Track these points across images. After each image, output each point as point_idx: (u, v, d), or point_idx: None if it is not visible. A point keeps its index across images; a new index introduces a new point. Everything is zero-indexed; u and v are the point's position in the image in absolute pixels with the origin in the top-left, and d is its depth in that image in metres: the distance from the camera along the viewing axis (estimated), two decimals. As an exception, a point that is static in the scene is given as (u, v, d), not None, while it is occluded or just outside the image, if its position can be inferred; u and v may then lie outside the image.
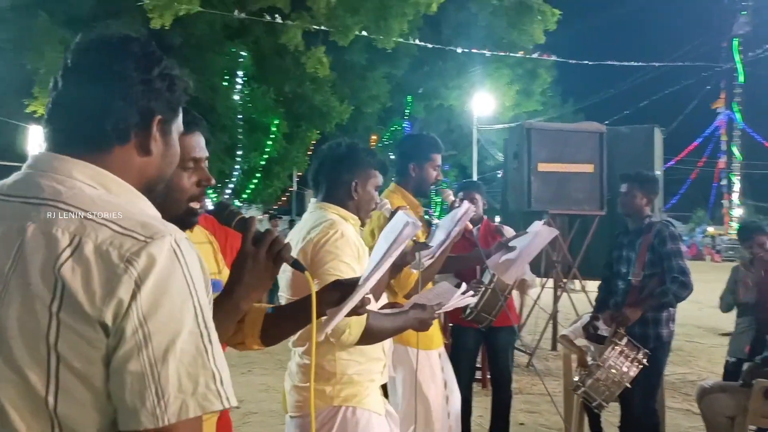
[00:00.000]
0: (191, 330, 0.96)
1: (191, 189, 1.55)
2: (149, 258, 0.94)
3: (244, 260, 1.42)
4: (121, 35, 1.11)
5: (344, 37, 10.31)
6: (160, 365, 0.92)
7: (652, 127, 8.12)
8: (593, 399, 3.80)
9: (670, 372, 7.27)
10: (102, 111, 1.06)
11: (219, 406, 0.97)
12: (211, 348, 0.98)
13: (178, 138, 1.20)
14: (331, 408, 2.17)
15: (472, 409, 4.89)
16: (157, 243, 0.96)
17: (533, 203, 7.26)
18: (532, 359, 7.48)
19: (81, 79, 1.07)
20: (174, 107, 1.15)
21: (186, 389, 0.94)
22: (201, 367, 0.96)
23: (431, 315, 2.33)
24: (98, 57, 1.08)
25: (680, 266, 3.81)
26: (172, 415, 0.92)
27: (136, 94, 1.08)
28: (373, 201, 2.42)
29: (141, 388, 0.92)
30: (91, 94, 1.06)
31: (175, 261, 0.97)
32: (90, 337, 0.93)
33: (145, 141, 1.10)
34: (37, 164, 1.06)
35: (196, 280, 0.99)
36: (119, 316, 0.92)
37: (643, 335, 3.87)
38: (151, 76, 1.09)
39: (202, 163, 1.58)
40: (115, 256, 0.94)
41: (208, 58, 10.43)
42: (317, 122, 11.68)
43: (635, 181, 4.00)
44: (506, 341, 4.35)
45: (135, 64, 1.08)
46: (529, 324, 8.03)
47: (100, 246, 0.95)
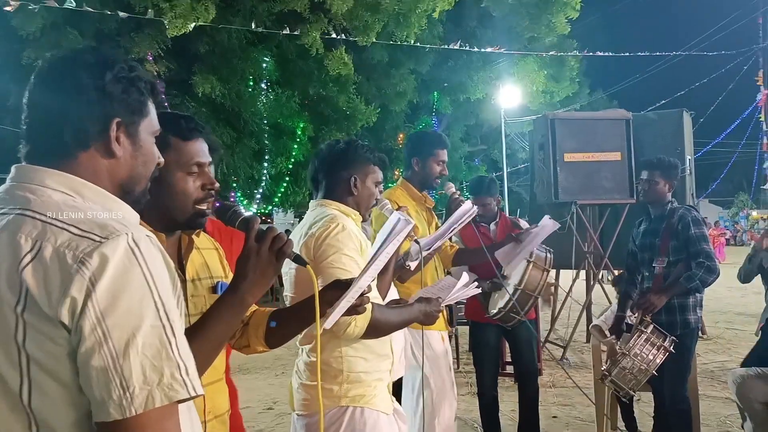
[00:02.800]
0: (153, 324, 1.00)
1: (196, 193, 1.62)
2: (102, 257, 0.99)
3: (247, 257, 1.48)
4: (76, 49, 1.18)
5: (366, 37, 10.31)
6: (122, 359, 0.97)
7: (681, 111, 7.94)
8: (620, 388, 3.75)
9: (708, 360, 7.14)
10: (60, 121, 1.12)
11: (185, 395, 1.02)
12: (175, 340, 1.02)
13: (151, 138, 1.23)
14: (338, 408, 2.18)
15: (505, 403, 4.88)
16: (112, 242, 1.00)
17: (561, 194, 7.19)
18: (566, 352, 7.40)
19: (40, 94, 1.14)
20: (136, 108, 1.18)
21: (151, 380, 0.98)
22: (165, 359, 1.00)
23: (437, 308, 2.33)
24: (53, 72, 1.14)
25: (705, 251, 3.74)
26: (138, 406, 0.97)
27: (90, 100, 1.12)
28: (373, 196, 2.43)
29: (106, 382, 0.97)
30: (50, 107, 1.13)
31: (133, 259, 1.01)
32: (53, 335, 0.98)
33: (106, 144, 1.15)
34: (15, 176, 1.13)
35: (157, 276, 1.03)
36: (75, 314, 0.97)
37: (670, 322, 3.80)
38: (104, 81, 1.13)
39: (206, 167, 1.64)
40: (70, 257, 0.99)
41: (232, 65, 10.52)
42: (343, 124, 11.69)
43: (656, 168, 3.93)
44: (528, 335, 4.32)
45: (87, 73, 1.13)
46: (562, 316, 7.94)
47: (58, 249, 1.00)
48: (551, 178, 7.20)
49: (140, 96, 1.19)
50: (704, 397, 5.37)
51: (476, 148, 21.16)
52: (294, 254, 1.53)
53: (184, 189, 1.59)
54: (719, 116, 20.89)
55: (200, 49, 10.19)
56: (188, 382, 1.02)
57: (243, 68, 10.67)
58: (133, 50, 9.15)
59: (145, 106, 1.20)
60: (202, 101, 10.22)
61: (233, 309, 1.48)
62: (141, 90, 1.19)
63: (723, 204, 50.54)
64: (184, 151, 1.60)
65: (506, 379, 5.99)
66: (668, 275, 3.84)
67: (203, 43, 10.16)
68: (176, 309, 1.06)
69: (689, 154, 7.83)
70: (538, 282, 4.07)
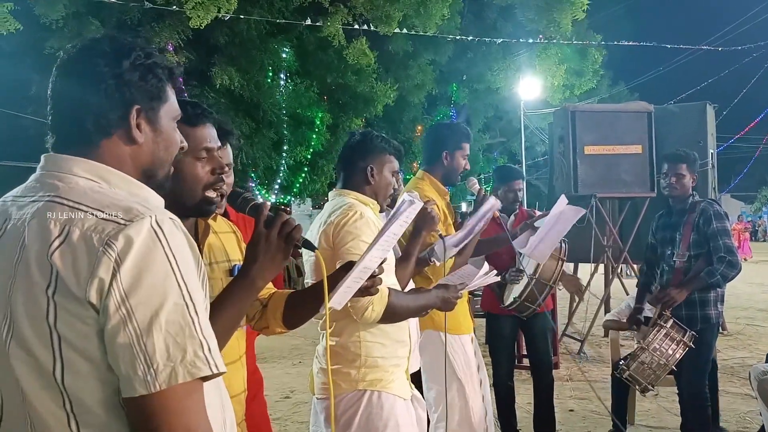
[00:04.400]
0: (176, 302, 1.03)
1: (206, 177, 1.63)
2: (126, 239, 1.02)
3: (257, 241, 1.51)
4: (94, 38, 1.19)
5: (387, 27, 10.29)
6: (146, 336, 1.00)
7: (704, 103, 7.85)
8: (639, 382, 3.73)
9: (729, 356, 7.06)
10: (81, 110, 1.15)
11: (207, 372, 1.05)
12: (198, 318, 1.05)
13: (173, 123, 1.25)
14: (356, 392, 2.20)
15: (521, 396, 4.87)
16: (136, 225, 1.04)
17: (580, 187, 7.15)
18: (583, 346, 7.36)
19: (62, 84, 1.17)
20: (154, 94, 1.20)
21: (174, 357, 1.02)
22: (188, 337, 1.03)
23: (455, 294, 2.34)
24: (72, 62, 1.17)
25: (727, 245, 3.69)
26: (163, 382, 1.00)
27: (109, 88, 1.15)
28: (390, 186, 2.45)
29: (131, 359, 1.00)
30: (71, 97, 1.16)
31: (156, 240, 1.04)
32: (82, 316, 1.02)
33: (127, 131, 1.17)
34: (45, 165, 1.17)
35: (180, 257, 1.06)
36: (103, 294, 1.01)
37: (690, 317, 3.77)
38: (121, 69, 1.15)
39: (214, 152, 1.65)
40: (96, 240, 1.03)
41: (252, 56, 10.55)
42: (360, 109, 11.65)
43: (682, 161, 3.88)
44: (543, 326, 4.30)
45: (104, 61, 1.15)
46: (580, 310, 7.90)
47: (85, 232, 1.04)
48: (571, 171, 7.17)
49: (158, 82, 1.21)
50: (724, 393, 5.31)
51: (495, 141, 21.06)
52: (303, 239, 1.55)
53: (193, 174, 1.60)
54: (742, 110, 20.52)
55: (220, 39, 10.22)
56: (211, 359, 1.05)
57: (262, 59, 10.70)
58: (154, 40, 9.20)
59: (163, 91, 1.22)
60: (222, 92, 10.27)
61: (244, 292, 1.50)
62: (159, 76, 1.21)
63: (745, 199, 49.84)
64: (192, 136, 1.59)
65: (522, 371, 5.97)
66: (688, 269, 3.80)
67: (223, 34, 10.18)
68: (200, 289, 1.09)
69: (712, 148, 7.74)
70: (552, 271, 4.05)
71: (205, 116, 1.65)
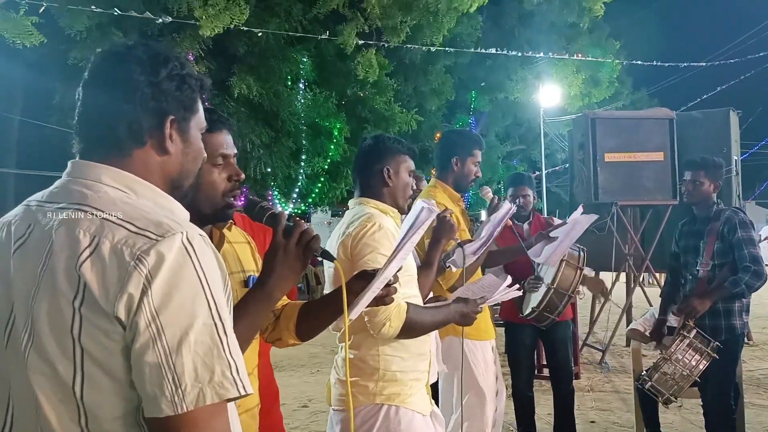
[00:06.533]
0: (205, 322, 1.01)
1: (222, 184, 1.62)
2: (158, 255, 1.00)
3: (275, 252, 1.48)
4: (127, 44, 1.17)
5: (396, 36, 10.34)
6: (175, 356, 0.98)
7: (728, 110, 7.71)
8: (661, 393, 3.65)
9: (755, 367, 6.92)
10: (115, 117, 1.13)
11: (235, 393, 1.02)
12: (227, 339, 1.03)
13: (199, 134, 1.24)
14: (373, 405, 2.17)
15: (541, 407, 4.80)
16: (167, 241, 1.02)
17: (600, 195, 7.06)
18: (604, 355, 7.26)
19: (94, 90, 1.15)
20: (188, 105, 1.19)
21: (203, 378, 0.99)
22: (216, 357, 1.01)
23: (474, 309, 2.30)
24: (106, 67, 1.15)
25: (752, 255, 3.61)
26: (190, 403, 0.98)
27: (145, 97, 1.13)
28: (408, 186, 2.43)
29: (159, 378, 0.98)
30: (104, 103, 1.14)
31: (186, 257, 1.02)
32: (108, 330, 0.99)
33: (161, 141, 1.16)
34: (72, 171, 1.15)
35: (210, 275, 1.04)
36: (132, 310, 0.98)
37: (715, 327, 3.68)
38: (158, 79, 1.14)
39: (231, 159, 1.65)
40: (128, 254, 1.00)
41: (271, 65, 10.61)
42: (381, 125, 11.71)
43: (701, 167, 3.81)
44: (564, 336, 4.25)
45: (141, 69, 1.13)
46: (602, 319, 7.79)
47: (115, 245, 1.01)
48: (591, 178, 7.08)
49: (192, 93, 1.20)
50: (750, 405, 5.19)
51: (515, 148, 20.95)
52: (321, 249, 1.52)
53: (211, 181, 1.59)
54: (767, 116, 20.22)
55: (239, 49, 10.31)
56: (238, 381, 1.03)
57: (281, 68, 10.76)
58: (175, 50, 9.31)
59: (195, 102, 1.22)
60: (241, 101, 10.34)
61: (260, 303, 1.48)
62: (192, 87, 1.20)
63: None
64: (209, 143, 1.57)
65: (543, 381, 5.90)
66: (712, 279, 3.72)
67: (242, 44, 10.27)
68: (227, 307, 1.07)
69: (736, 155, 7.61)
70: (571, 281, 4.00)
71: (221, 123, 1.64)
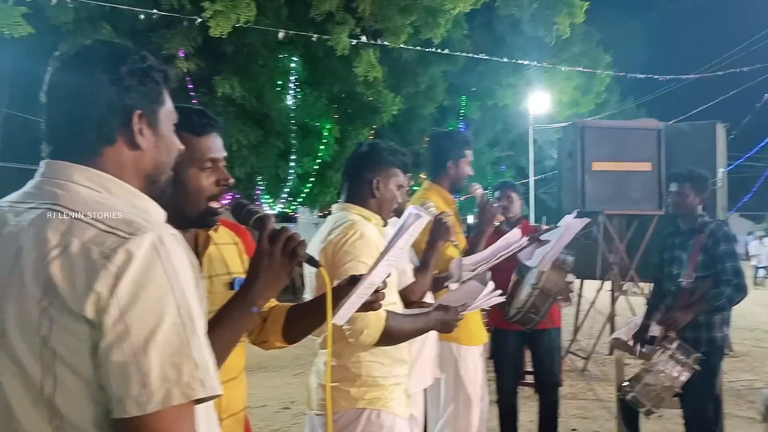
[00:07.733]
0: (174, 321, 0.99)
1: (210, 189, 1.59)
2: (127, 254, 0.98)
3: (260, 257, 1.46)
4: (85, 44, 1.16)
5: (396, 38, 10.28)
6: (142, 355, 0.96)
7: (714, 123, 7.78)
8: (642, 404, 3.67)
9: (735, 378, 6.97)
10: (82, 121, 1.12)
11: (203, 394, 1.00)
12: (196, 339, 1.01)
13: (171, 126, 1.23)
14: (355, 410, 2.17)
15: (524, 413, 4.81)
16: (137, 239, 1.00)
17: (588, 203, 7.09)
18: (587, 364, 7.29)
19: (58, 91, 1.14)
20: (154, 98, 1.18)
21: (170, 378, 0.97)
22: (185, 357, 0.99)
23: (455, 317, 2.30)
24: (68, 68, 1.14)
25: (735, 268, 3.64)
26: (156, 403, 0.96)
27: (109, 95, 1.12)
28: (394, 200, 2.41)
29: (126, 377, 0.96)
30: (69, 107, 1.13)
31: (156, 256, 1.00)
32: (76, 330, 0.97)
33: (130, 137, 1.15)
34: (45, 172, 1.13)
35: (179, 274, 1.02)
36: (99, 309, 0.96)
37: (696, 339, 3.70)
38: (120, 75, 1.13)
39: (220, 163, 1.62)
40: (96, 253, 0.98)
41: (260, 65, 10.58)
42: (368, 118, 11.65)
43: (686, 180, 3.84)
44: (551, 343, 4.26)
45: (102, 67, 1.12)
46: (585, 327, 7.83)
47: (85, 244, 0.99)
48: (579, 187, 7.11)
49: (156, 85, 1.18)
50: (729, 416, 5.23)
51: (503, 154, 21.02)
52: (307, 256, 1.49)
53: (197, 186, 1.57)
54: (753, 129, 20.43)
55: (227, 49, 10.24)
56: (207, 381, 1.01)
57: (271, 67, 10.73)
58: (165, 46, 9.24)
59: (161, 94, 1.20)
60: (230, 100, 10.29)
61: (244, 310, 1.46)
62: (156, 79, 1.18)
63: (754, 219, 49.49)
64: (197, 146, 1.56)
65: (526, 388, 5.91)
66: (695, 290, 3.75)
67: (230, 43, 10.20)
68: (198, 308, 1.05)
69: (721, 167, 7.67)
70: (556, 283, 4.01)
71: (210, 126, 1.61)
